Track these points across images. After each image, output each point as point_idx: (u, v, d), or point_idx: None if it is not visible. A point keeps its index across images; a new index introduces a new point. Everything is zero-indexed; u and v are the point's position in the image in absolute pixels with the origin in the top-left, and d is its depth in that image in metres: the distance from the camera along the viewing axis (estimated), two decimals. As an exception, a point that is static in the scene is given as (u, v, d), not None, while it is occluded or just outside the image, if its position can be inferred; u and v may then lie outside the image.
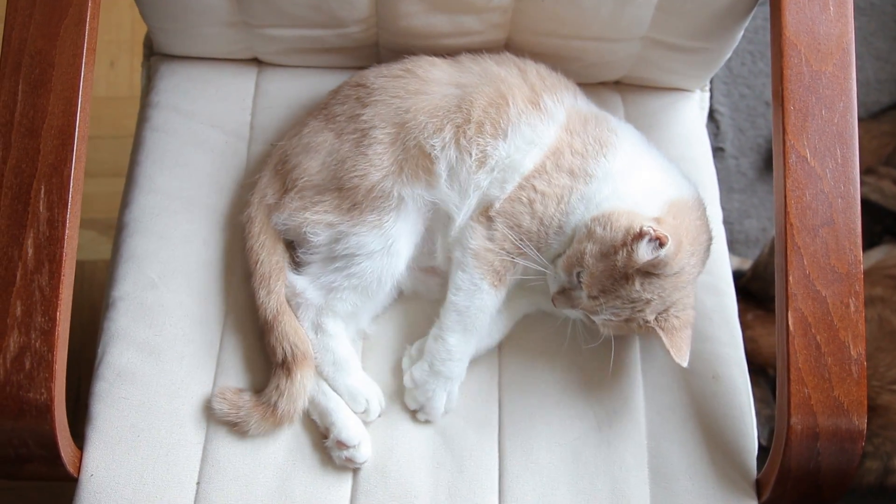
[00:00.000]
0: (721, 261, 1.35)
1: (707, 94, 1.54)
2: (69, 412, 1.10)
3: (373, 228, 1.22)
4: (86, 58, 1.13)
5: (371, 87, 1.28)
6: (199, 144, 1.36)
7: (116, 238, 1.31)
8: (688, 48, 1.39)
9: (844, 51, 1.20)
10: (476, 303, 1.20)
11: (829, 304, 1.13)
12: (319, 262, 1.24)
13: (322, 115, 1.30)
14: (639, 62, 1.42)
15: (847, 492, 1.16)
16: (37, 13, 1.13)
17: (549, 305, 1.22)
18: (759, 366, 1.73)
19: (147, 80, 1.46)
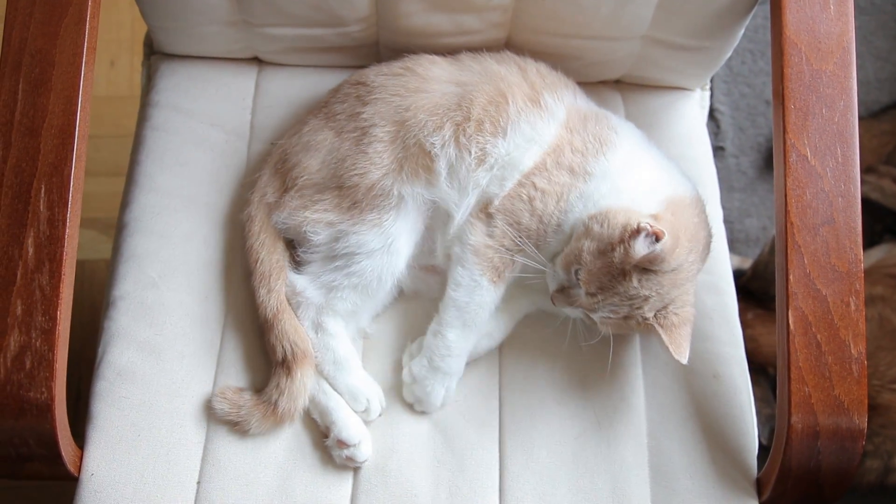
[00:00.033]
0: (721, 260, 1.35)
1: (707, 93, 1.54)
2: (70, 411, 1.10)
3: (373, 227, 1.22)
4: (86, 57, 1.12)
5: (371, 86, 1.28)
6: (200, 143, 1.36)
7: (117, 237, 1.31)
8: (688, 47, 1.39)
9: (845, 50, 1.20)
10: (476, 299, 1.20)
11: (830, 303, 1.13)
12: (319, 261, 1.24)
13: (322, 114, 1.30)
14: (639, 61, 1.42)
15: (848, 491, 1.16)
16: (37, 12, 1.13)
17: (550, 305, 1.22)
18: (760, 365, 1.73)
19: (147, 80, 1.46)
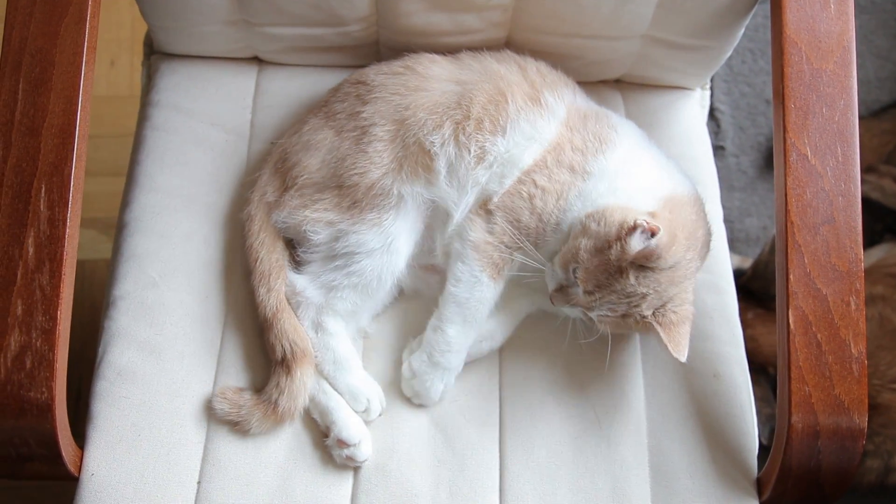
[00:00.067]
0: (722, 259, 1.35)
1: (707, 93, 1.54)
2: (70, 411, 1.10)
3: (372, 226, 1.22)
4: (86, 56, 1.13)
5: (371, 85, 1.28)
6: (200, 143, 1.36)
7: (117, 237, 1.31)
8: (688, 46, 1.39)
9: (845, 49, 1.20)
10: (476, 295, 1.20)
11: (830, 303, 1.13)
12: (319, 261, 1.24)
13: (322, 113, 1.30)
14: (639, 60, 1.42)
15: (848, 490, 1.16)
16: (37, 12, 1.13)
17: (550, 304, 1.22)
18: (760, 364, 1.73)
19: (147, 79, 1.46)
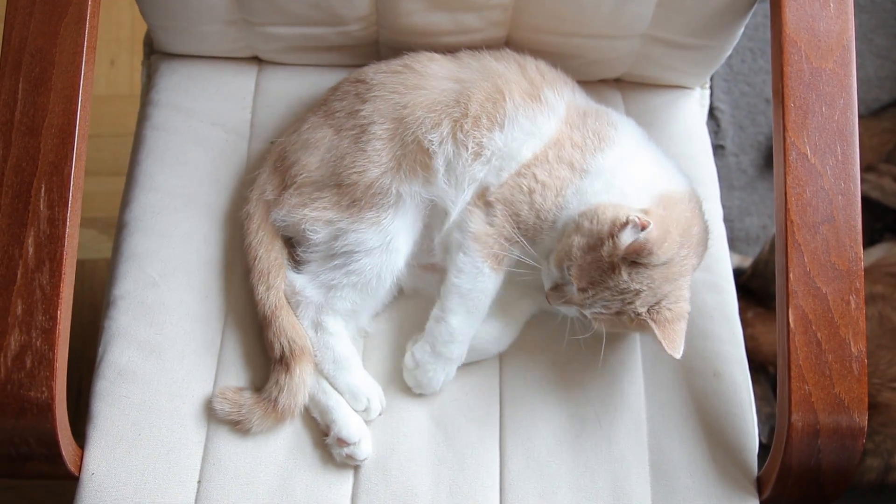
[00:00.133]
0: (721, 258, 1.35)
1: (707, 92, 1.54)
2: (70, 411, 1.10)
3: (371, 225, 1.22)
4: (86, 56, 1.13)
5: (370, 83, 1.28)
6: (200, 143, 1.37)
7: (117, 237, 1.31)
8: (688, 45, 1.39)
9: (845, 48, 1.20)
10: (478, 285, 1.20)
11: (830, 302, 1.13)
12: (318, 260, 1.24)
13: (321, 112, 1.30)
14: (639, 59, 1.42)
15: (848, 489, 1.16)
16: (37, 12, 1.13)
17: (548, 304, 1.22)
18: (760, 363, 1.73)
19: (147, 79, 1.46)
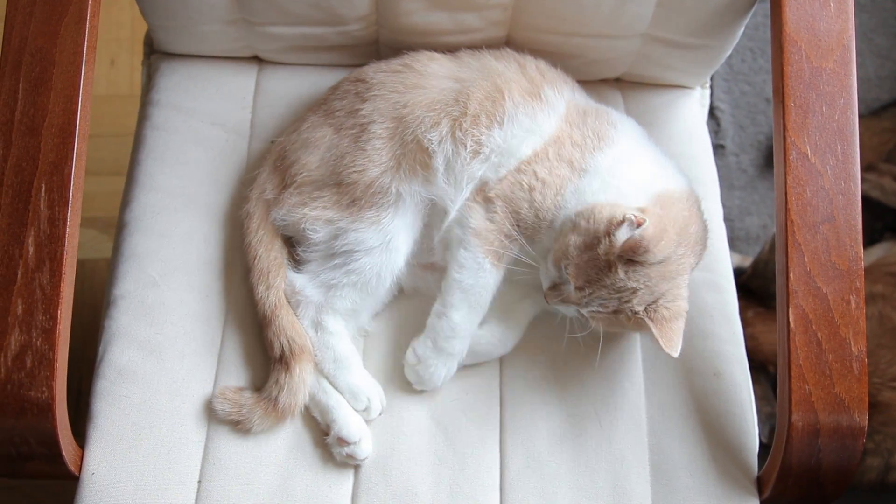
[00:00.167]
0: (722, 258, 1.35)
1: (707, 91, 1.54)
2: (70, 410, 1.10)
3: (371, 224, 1.22)
4: (86, 56, 1.13)
5: (370, 83, 1.28)
6: (200, 142, 1.36)
7: (117, 236, 1.31)
8: (688, 45, 1.39)
9: (845, 47, 1.20)
10: (480, 281, 1.20)
11: (830, 301, 1.13)
12: (318, 260, 1.24)
13: (321, 111, 1.30)
14: (639, 59, 1.42)
15: (848, 489, 1.16)
16: (37, 11, 1.13)
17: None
18: (760, 363, 1.73)
19: (147, 79, 1.46)
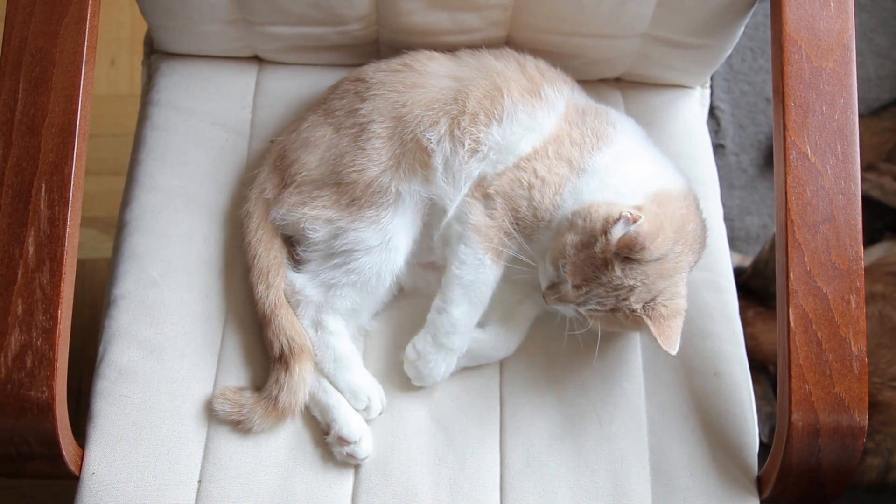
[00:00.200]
0: (722, 258, 1.35)
1: (707, 91, 1.54)
2: (70, 410, 1.10)
3: (371, 224, 1.22)
4: (86, 56, 1.13)
5: (370, 82, 1.28)
6: (200, 142, 1.37)
7: (117, 236, 1.31)
8: (688, 45, 1.39)
9: (845, 47, 1.20)
10: (480, 277, 1.20)
11: (830, 301, 1.13)
12: (318, 259, 1.24)
13: (321, 110, 1.30)
14: (639, 59, 1.42)
15: (848, 489, 1.16)
16: (37, 11, 1.13)
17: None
18: (760, 363, 1.73)
19: (147, 78, 1.46)
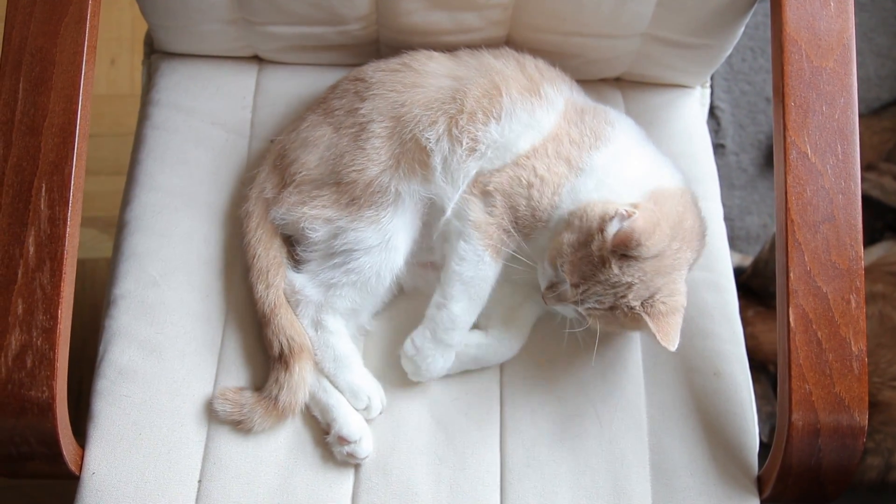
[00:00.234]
0: (722, 257, 1.35)
1: (708, 91, 1.54)
2: (71, 410, 1.10)
3: (371, 224, 1.22)
4: (86, 56, 1.13)
5: (369, 82, 1.28)
6: (200, 142, 1.37)
7: (117, 236, 1.31)
8: (688, 44, 1.39)
9: (845, 47, 1.20)
10: (480, 273, 1.20)
11: (830, 301, 1.13)
12: (318, 259, 1.24)
13: (321, 110, 1.30)
14: (639, 59, 1.42)
15: (848, 488, 1.16)
16: (37, 11, 1.13)
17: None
18: (760, 362, 1.73)
19: (148, 78, 1.46)
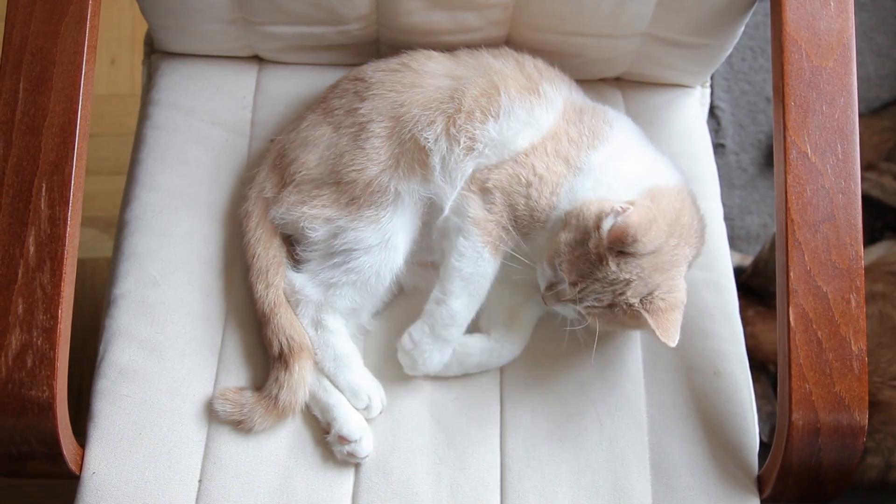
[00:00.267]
0: (722, 257, 1.35)
1: (708, 90, 1.54)
2: (71, 410, 1.10)
3: (370, 223, 1.22)
4: (86, 55, 1.13)
5: (369, 82, 1.28)
6: (200, 142, 1.37)
7: (118, 236, 1.31)
8: (688, 44, 1.39)
9: (845, 46, 1.20)
10: (479, 269, 1.20)
11: (831, 300, 1.13)
12: (318, 259, 1.25)
13: (320, 109, 1.30)
14: (639, 58, 1.42)
15: (848, 488, 1.16)
16: (37, 11, 1.13)
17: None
18: (760, 362, 1.73)
19: (148, 78, 1.46)
